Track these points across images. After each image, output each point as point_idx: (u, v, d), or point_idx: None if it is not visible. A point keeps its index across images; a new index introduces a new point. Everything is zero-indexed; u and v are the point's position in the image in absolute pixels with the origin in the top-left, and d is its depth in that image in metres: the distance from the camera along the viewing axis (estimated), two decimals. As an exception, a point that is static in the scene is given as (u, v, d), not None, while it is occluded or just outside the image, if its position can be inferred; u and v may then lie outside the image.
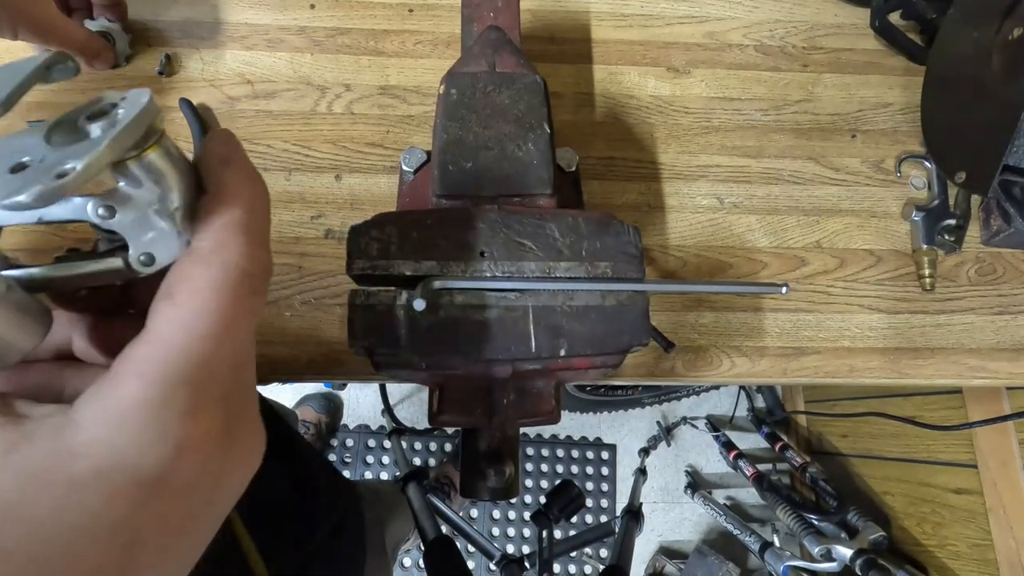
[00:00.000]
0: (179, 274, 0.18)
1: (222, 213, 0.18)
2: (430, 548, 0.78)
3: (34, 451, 0.15)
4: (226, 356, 0.18)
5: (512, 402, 0.34)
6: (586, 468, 1.60)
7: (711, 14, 0.59)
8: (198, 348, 0.17)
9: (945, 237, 0.53)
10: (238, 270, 0.18)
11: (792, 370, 0.50)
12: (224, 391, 0.18)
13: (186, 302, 0.17)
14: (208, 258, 0.18)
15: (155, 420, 0.16)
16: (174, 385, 0.16)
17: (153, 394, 0.16)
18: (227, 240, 0.18)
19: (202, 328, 0.17)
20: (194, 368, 0.17)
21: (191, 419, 0.17)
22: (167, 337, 0.17)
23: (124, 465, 0.16)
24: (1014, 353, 0.52)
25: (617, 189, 0.53)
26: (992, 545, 0.98)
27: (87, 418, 0.16)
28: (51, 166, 0.15)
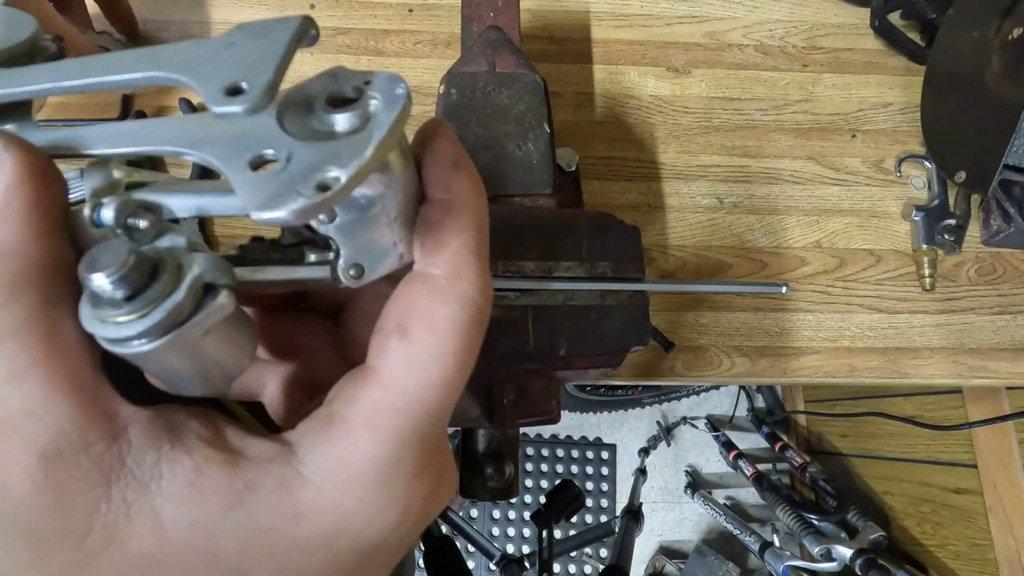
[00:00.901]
0: (413, 307, 0.15)
1: (456, 233, 0.16)
2: (430, 548, 0.78)
3: (259, 508, 0.14)
4: (453, 404, 0.16)
5: (512, 402, 0.34)
6: (586, 468, 1.60)
7: (711, 14, 0.59)
8: (433, 398, 0.15)
9: (945, 237, 0.53)
10: (474, 306, 0.15)
11: (792, 370, 0.50)
12: (444, 442, 0.17)
13: (423, 343, 0.15)
14: (446, 290, 0.15)
15: (386, 484, 0.15)
16: (408, 442, 0.15)
17: (386, 452, 0.14)
18: (463, 268, 0.15)
19: (439, 375, 0.15)
20: (427, 421, 0.15)
21: (418, 481, 0.15)
22: (401, 383, 0.15)
23: (349, 530, 0.14)
24: (1014, 353, 0.52)
25: (617, 189, 0.53)
26: (992, 545, 0.98)
27: (314, 473, 0.14)
28: (306, 171, 0.13)
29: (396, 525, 0.15)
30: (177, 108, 0.51)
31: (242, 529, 0.13)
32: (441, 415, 0.15)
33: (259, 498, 0.14)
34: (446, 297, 0.15)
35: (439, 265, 0.15)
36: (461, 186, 0.16)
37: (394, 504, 0.15)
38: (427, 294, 0.15)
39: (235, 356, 0.16)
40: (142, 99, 0.51)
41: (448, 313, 0.15)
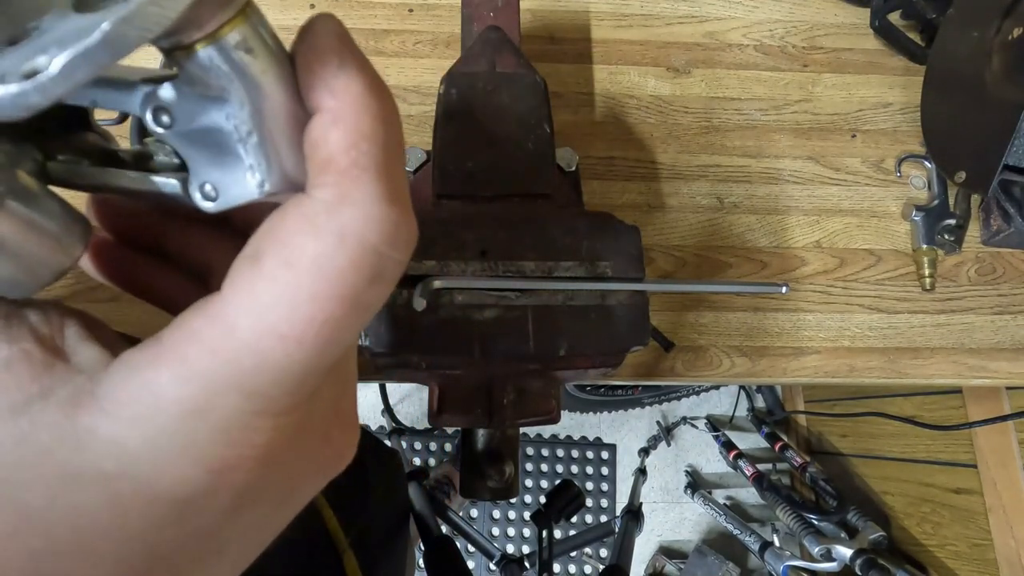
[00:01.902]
0: (274, 233, 0.12)
1: (345, 148, 0.12)
2: (430, 548, 0.78)
3: (43, 421, 0.12)
4: (309, 363, 0.13)
5: (512, 402, 0.34)
6: (586, 468, 1.60)
7: (711, 14, 0.59)
8: (270, 350, 0.12)
9: (945, 237, 0.53)
10: (360, 245, 0.12)
11: (792, 370, 0.50)
12: (296, 401, 0.14)
13: (272, 278, 0.12)
14: (319, 219, 0.12)
15: (183, 432, 0.12)
16: (222, 391, 0.12)
17: (188, 395, 0.12)
18: (352, 194, 0.12)
19: (284, 324, 0.12)
20: (256, 376, 0.12)
21: (236, 443, 0.13)
22: (232, 320, 0.12)
23: (134, 475, 0.12)
24: (1014, 353, 0.52)
25: (617, 189, 0.53)
26: (992, 545, 0.98)
27: (107, 396, 0.12)
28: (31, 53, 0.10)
29: (203, 487, 0.13)
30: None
31: (18, 443, 0.12)
32: (284, 375, 0.13)
33: (47, 410, 0.12)
34: (318, 228, 0.12)
35: (321, 188, 0.12)
36: (349, 88, 0.12)
37: (195, 460, 0.13)
38: (296, 221, 0.12)
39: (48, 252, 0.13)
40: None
41: (315, 248, 0.12)
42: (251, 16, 0.12)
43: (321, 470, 0.16)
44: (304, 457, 0.15)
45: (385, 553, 0.59)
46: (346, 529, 0.47)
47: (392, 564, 0.61)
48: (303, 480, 0.16)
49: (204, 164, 0.13)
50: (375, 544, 0.55)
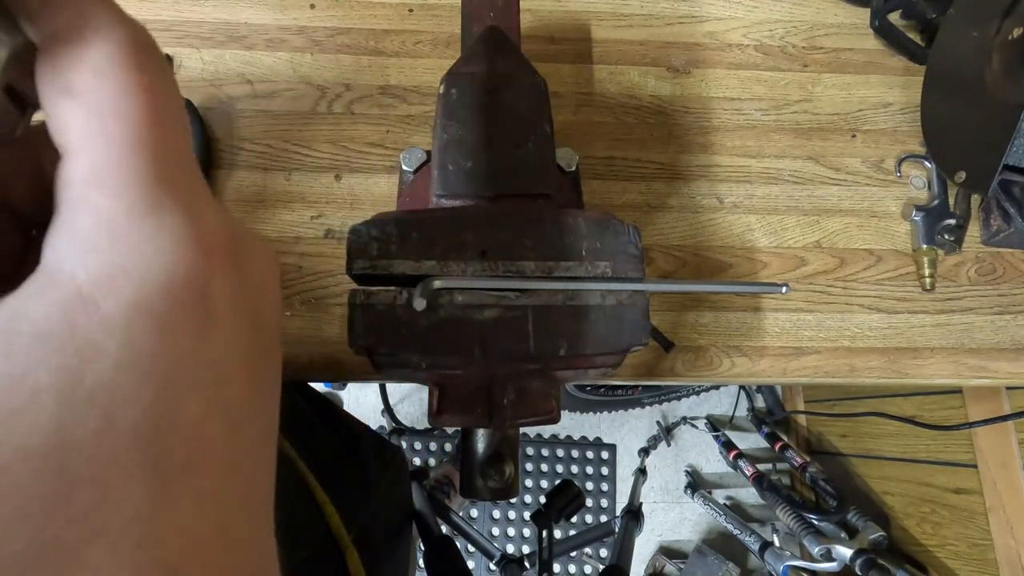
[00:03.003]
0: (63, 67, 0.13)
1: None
2: (430, 548, 0.78)
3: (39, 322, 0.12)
4: (179, 142, 0.14)
5: (512, 402, 0.34)
6: (586, 468, 1.60)
7: (711, 14, 0.59)
8: (149, 133, 0.13)
9: (945, 237, 0.53)
10: (133, 40, 0.13)
11: (792, 370, 0.50)
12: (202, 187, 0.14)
13: (96, 87, 0.13)
14: (86, 35, 0.13)
15: (161, 228, 0.13)
16: (156, 180, 0.13)
17: (138, 199, 0.13)
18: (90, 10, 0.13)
19: (138, 108, 0.13)
20: (165, 155, 0.13)
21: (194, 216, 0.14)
22: (102, 133, 0.13)
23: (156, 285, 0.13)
24: (1014, 353, 0.52)
25: (617, 189, 0.53)
26: (992, 545, 0.98)
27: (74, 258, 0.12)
28: None
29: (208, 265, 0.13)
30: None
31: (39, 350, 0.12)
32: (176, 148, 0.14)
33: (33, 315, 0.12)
34: (91, 40, 0.13)
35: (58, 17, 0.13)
36: None
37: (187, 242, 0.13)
38: (68, 46, 0.13)
39: None
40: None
41: (103, 51, 0.13)
42: None
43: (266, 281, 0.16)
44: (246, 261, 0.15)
45: (387, 551, 0.59)
46: (348, 527, 0.48)
47: (394, 562, 0.61)
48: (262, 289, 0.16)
49: None
50: (377, 542, 0.55)
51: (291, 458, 0.48)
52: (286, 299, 0.48)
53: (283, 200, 0.50)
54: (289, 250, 0.49)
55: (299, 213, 0.50)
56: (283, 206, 0.50)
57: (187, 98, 0.51)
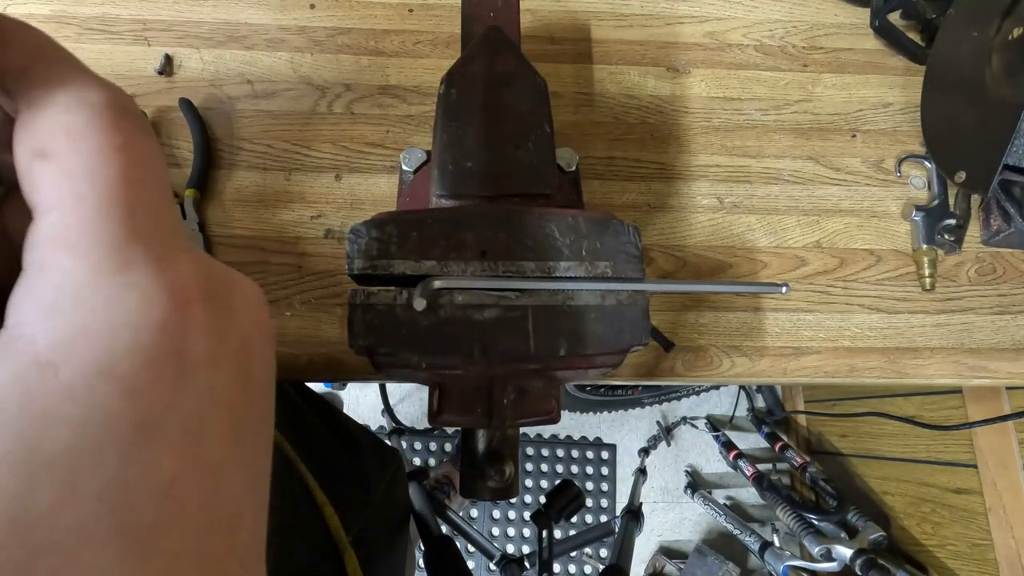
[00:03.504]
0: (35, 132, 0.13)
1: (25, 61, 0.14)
2: (430, 548, 0.78)
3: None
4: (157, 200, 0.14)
5: (512, 402, 0.34)
6: (586, 468, 1.60)
7: (711, 14, 0.59)
8: (120, 194, 0.13)
9: (945, 237, 0.53)
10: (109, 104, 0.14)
11: (792, 370, 0.50)
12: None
13: (70, 150, 0.13)
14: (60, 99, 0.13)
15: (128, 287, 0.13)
16: (125, 240, 0.13)
17: (105, 259, 0.13)
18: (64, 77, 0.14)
19: (110, 169, 0.13)
20: (134, 215, 0.13)
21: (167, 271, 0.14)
22: (74, 194, 0.13)
23: (120, 347, 0.12)
24: (1014, 353, 0.52)
25: (617, 189, 0.53)
26: (992, 545, 0.98)
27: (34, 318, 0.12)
28: None
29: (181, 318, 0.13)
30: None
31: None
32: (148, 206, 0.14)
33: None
34: (65, 104, 0.13)
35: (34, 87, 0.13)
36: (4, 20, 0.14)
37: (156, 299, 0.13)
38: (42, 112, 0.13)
39: None
40: (143, 99, 0.51)
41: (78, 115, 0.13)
42: None
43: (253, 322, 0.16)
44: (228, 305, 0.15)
45: (386, 552, 0.59)
46: (347, 528, 0.48)
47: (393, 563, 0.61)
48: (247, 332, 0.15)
49: None
50: (376, 543, 0.55)
51: (291, 459, 0.48)
52: (286, 299, 0.48)
53: (283, 200, 0.50)
54: (289, 250, 0.49)
55: (299, 213, 0.50)
56: (283, 206, 0.50)
57: (187, 98, 0.51)
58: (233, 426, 0.15)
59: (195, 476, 0.13)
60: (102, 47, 0.52)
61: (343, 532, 0.47)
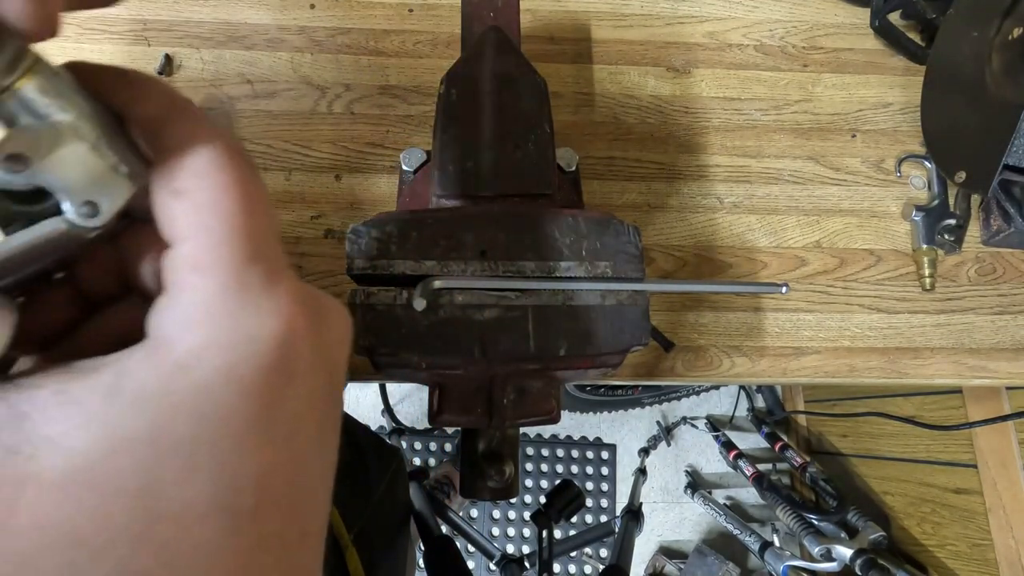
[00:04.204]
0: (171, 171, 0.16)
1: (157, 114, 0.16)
2: (430, 548, 0.78)
3: (139, 382, 0.14)
4: (267, 227, 0.17)
5: (512, 402, 0.34)
6: (586, 468, 1.60)
7: (711, 14, 0.59)
8: (240, 222, 0.16)
9: (945, 237, 0.53)
10: (221, 145, 0.16)
11: (792, 370, 0.50)
12: (285, 265, 0.17)
13: (197, 188, 0.16)
14: (188, 147, 0.16)
15: (246, 304, 0.15)
16: (243, 263, 0.15)
17: (228, 280, 0.15)
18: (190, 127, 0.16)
19: (231, 203, 0.16)
20: (251, 242, 0.16)
21: (277, 292, 0.16)
22: (202, 226, 0.15)
23: (242, 356, 0.15)
24: (1014, 353, 0.52)
25: (617, 189, 0.53)
26: (992, 545, 0.98)
27: (174, 329, 0.15)
28: None
29: (287, 333, 0.16)
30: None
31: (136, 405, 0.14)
32: (262, 234, 0.16)
33: (135, 376, 0.14)
34: (193, 150, 0.16)
35: (168, 136, 0.16)
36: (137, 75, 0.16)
37: (269, 316, 0.15)
38: (174, 158, 0.16)
39: None
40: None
41: (201, 158, 0.16)
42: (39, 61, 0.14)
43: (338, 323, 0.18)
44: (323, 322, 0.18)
45: (386, 551, 0.59)
46: (348, 526, 0.48)
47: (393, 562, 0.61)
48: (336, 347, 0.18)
49: (71, 189, 0.15)
50: (377, 542, 0.55)
51: None
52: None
53: (283, 200, 0.50)
54: (289, 250, 0.49)
55: (299, 213, 0.50)
56: (283, 206, 0.50)
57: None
58: (319, 426, 0.17)
59: (288, 468, 0.16)
60: (102, 47, 0.52)
61: (344, 530, 0.47)
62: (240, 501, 0.15)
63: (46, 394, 0.14)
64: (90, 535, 0.13)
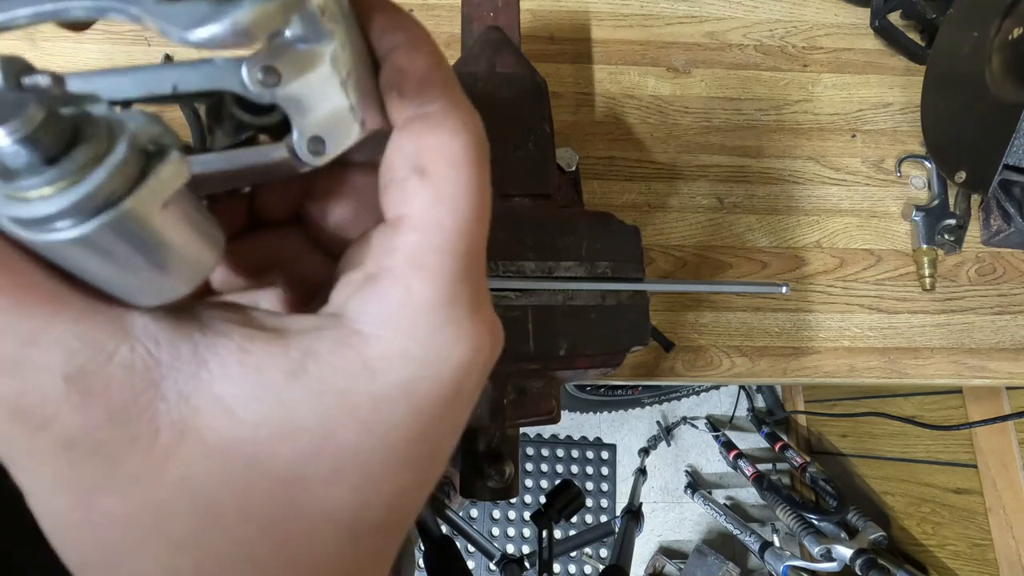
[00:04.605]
0: (424, 145, 0.14)
1: (434, 66, 0.15)
2: (430, 548, 0.78)
3: (325, 371, 0.13)
4: (486, 237, 0.15)
5: (512, 402, 0.34)
6: (586, 468, 1.60)
7: (711, 14, 0.59)
8: (470, 230, 0.14)
9: (945, 237, 0.53)
10: (479, 133, 0.15)
11: (792, 370, 0.50)
12: (486, 286, 0.16)
13: (446, 178, 0.14)
14: (450, 123, 0.14)
15: (450, 321, 0.14)
16: (460, 277, 0.14)
17: (441, 291, 0.14)
18: (456, 98, 0.15)
19: (470, 207, 0.14)
20: (470, 256, 0.15)
21: (479, 315, 0.15)
22: (436, 220, 0.14)
23: (426, 376, 0.14)
24: (1014, 353, 0.52)
25: (617, 189, 0.53)
26: (992, 545, 0.98)
27: (374, 327, 0.14)
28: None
29: (472, 361, 0.15)
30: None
31: (315, 394, 0.13)
32: (480, 248, 0.15)
33: (323, 362, 0.13)
34: (453, 129, 0.14)
35: (432, 101, 0.15)
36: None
37: (464, 340, 0.15)
38: (433, 131, 0.14)
39: (199, 245, 0.13)
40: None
41: (461, 144, 0.14)
42: None
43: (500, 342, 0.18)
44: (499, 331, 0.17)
45: None
46: None
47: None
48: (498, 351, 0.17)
49: (306, 119, 0.14)
50: None
51: None
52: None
53: (283, 200, 0.50)
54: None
55: (299, 213, 0.50)
56: (283, 206, 0.50)
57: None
58: (447, 449, 0.16)
59: (416, 491, 0.16)
60: (102, 47, 0.52)
61: None
62: (369, 516, 0.14)
63: (231, 348, 0.13)
64: (227, 510, 0.13)
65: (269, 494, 0.13)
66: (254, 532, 0.13)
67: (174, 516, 0.12)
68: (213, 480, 0.12)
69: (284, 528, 0.13)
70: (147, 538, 0.12)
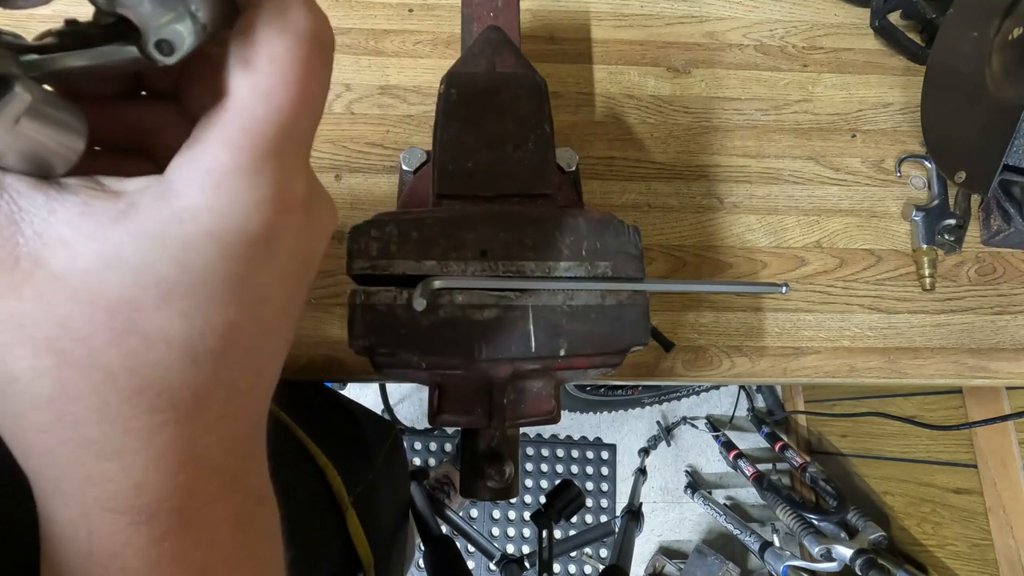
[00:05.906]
0: (252, 40, 0.17)
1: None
2: (430, 548, 0.78)
3: (143, 217, 0.16)
4: (305, 128, 0.18)
5: (512, 402, 0.34)
6: (586, 468, 1.60)
7: (711, 14, 0.59)
8: (280, 119, 0.17)
9: (945, 237, 0.53)
10: (312, 38, 0.17)
11: (792, 370, 0.50)
12: (304, 161, 0.19)
13: (265, 70, 0.17)
14: (279, 23, 0.17)
15: (252, 187, 0.17)
16: (265, 154, 0.17)
17: (244, 162, 0.17)
18: (291, 5, 0.17)
19: (284, 99, 0.17)
20: (279, 139, 0.17)
21: (287, 186, 0.18)
22: (250, 106, 0.17)
23: (231, 227, 0.17)
24: (1014, 353, 0.52)
25: (617, 189, 0.53)
26: (992, 545, 0.98)
27: (184, 185, 0.16)
28: None
29: (277, 221, 0.18)
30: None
31: (134, 236, 0.16)
32: (294, 136, 0.18)
33: (141, 211, 0.16)
34: (282, 29, 0.17)
35: (267, 7, 0.17)
36: None
37: (267, 202, 0.17)
38: (263, 26, 0.17)
39: (60, 139, 0.16)
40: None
41: (285, 43, 0.17)
42: None
43: (319, 233, 0.21)
44: (312, 217, 0.20)
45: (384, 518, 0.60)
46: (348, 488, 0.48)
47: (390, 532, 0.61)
48: (316, 239, 0.20)
49: (154, 22, 0.16)
50: (375, 508, 0.56)
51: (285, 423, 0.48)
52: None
53: (283, 200, 0.50)
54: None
55: (299, 213, 0.50)
56: (283, 206, 0.50)
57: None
58: (284, 304, 0.20)
59: (250, 330, 0.18)
60: (102, 47, 0.52)
61: (345, 491, 0.48)
62: (204, 342, 0.17)
63: (76, 201, 0.16)
64: (76, 323, 0.16)
65: (109, 313, 0.16)
66: (101, 342, 0.16)
67: (35, 326, 0.15)
68: (62, 296, 0.16)
69: (127, 341, 0.16)
70: (13, 341, 0.15)
